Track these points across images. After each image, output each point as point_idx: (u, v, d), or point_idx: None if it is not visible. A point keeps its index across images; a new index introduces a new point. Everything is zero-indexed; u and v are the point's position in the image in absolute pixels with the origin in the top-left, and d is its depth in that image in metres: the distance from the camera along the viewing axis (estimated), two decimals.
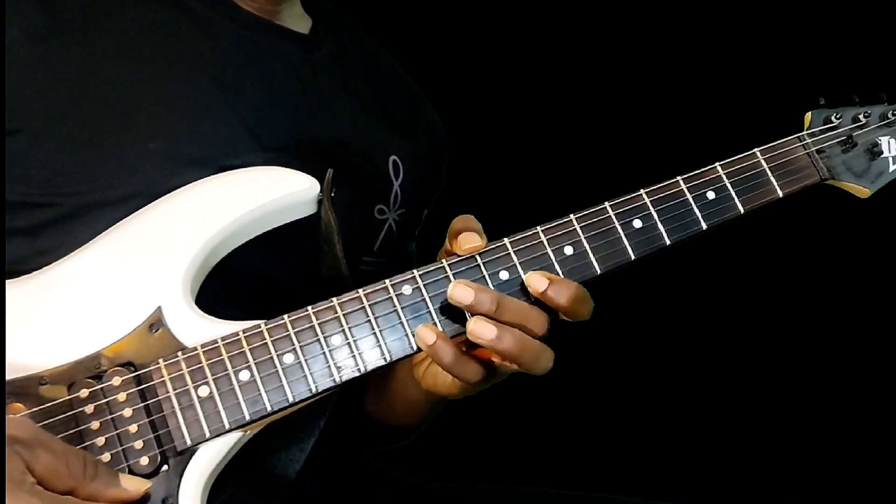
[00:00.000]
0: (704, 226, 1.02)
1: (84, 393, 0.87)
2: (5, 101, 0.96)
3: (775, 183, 1.05)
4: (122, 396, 0.88)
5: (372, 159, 1.22)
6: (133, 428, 0.87)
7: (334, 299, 0.94)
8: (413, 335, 0.94)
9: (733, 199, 1.03)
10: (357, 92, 1.23)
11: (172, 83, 1.05)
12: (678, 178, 1.03)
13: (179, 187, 0.98)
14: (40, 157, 0.98)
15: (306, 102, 1.15)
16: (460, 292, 0.92)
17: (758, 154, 1.05)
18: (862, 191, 1.09)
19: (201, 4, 1.10)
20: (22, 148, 0.97)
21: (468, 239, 0.96)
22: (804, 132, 1.08)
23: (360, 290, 0.95)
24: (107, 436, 0.86)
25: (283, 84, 1.13)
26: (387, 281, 0.95)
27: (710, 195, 1.03)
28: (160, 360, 0.89)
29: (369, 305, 0.94)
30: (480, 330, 0.91)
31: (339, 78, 1.21)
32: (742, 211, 1.03)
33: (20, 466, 0.75)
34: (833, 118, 1.08)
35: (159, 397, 0.88)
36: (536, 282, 0.95)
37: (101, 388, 0.88)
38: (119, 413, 0.87)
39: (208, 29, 1.10)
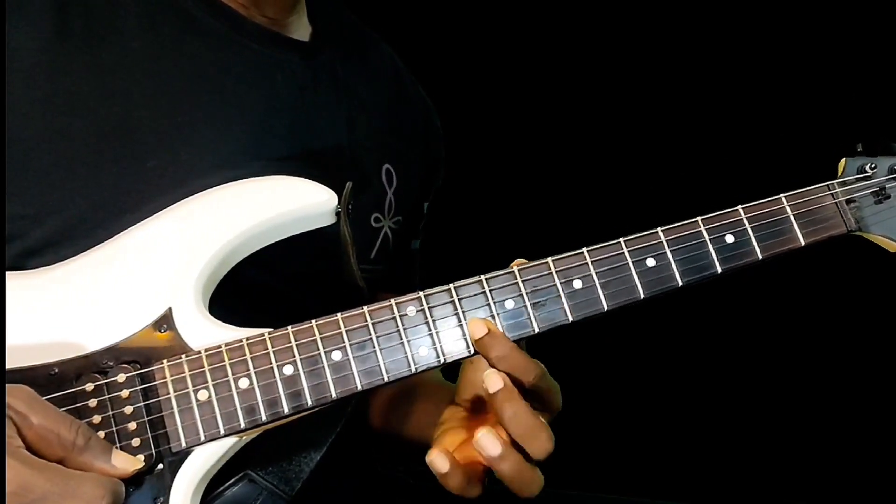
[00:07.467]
0: (720, 269, 1.00)
1: (90, 387, 0.90)
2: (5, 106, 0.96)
3: (798, 231, 1.02)
4: (124, 393, 0.90)
5: (365, 169, 1.22)
6: (132, 425, 0.89)
7: (339, 315, 0.95)
8: (413, 356, 0.95)
9: (752, 244, 1.01)
10: (357, 94, 1.23)
11: (172, 99, 1.04)
12: (698, 218, 1.01)
13: (175, 203, 0.98)
14: (37, 169, 0.98)
15: (306, 112, 1.15)
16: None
17: (783, 200, 1.03)
18: (893, 245, 1.05)
19: (206, 15, 1.10)
20: (18, 159, 0.97)
21: None
22: (835, 180, 1.05)
23: (365, 308, 0.96)
24: (106, 431, 0.88)
25: (284, 94, 1.13)
26: (392, 300, 0.96)
27: (729, 239, 1.01)
28: (164, 361, 0.92)
29: (372, 324, 0.95)
30: (486, 444, 0.91)
31: (339, 82, 1.21)
32: (760, 257, 1.01)
33: (10, 431, 0.78)
34: (867, 168, 1.04)
35: (160, 398, 0.91)
36: (475, 327, 0.93)
37: (106, 384, 0.90)
38: (120, 410, 0.89)
39: (211, 41, 1.09)
